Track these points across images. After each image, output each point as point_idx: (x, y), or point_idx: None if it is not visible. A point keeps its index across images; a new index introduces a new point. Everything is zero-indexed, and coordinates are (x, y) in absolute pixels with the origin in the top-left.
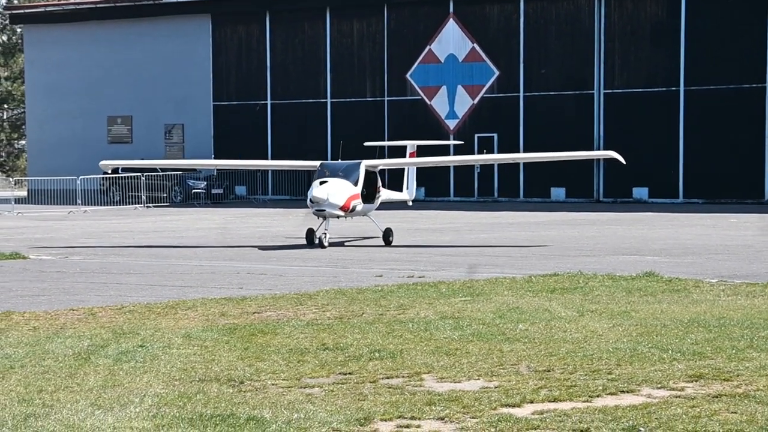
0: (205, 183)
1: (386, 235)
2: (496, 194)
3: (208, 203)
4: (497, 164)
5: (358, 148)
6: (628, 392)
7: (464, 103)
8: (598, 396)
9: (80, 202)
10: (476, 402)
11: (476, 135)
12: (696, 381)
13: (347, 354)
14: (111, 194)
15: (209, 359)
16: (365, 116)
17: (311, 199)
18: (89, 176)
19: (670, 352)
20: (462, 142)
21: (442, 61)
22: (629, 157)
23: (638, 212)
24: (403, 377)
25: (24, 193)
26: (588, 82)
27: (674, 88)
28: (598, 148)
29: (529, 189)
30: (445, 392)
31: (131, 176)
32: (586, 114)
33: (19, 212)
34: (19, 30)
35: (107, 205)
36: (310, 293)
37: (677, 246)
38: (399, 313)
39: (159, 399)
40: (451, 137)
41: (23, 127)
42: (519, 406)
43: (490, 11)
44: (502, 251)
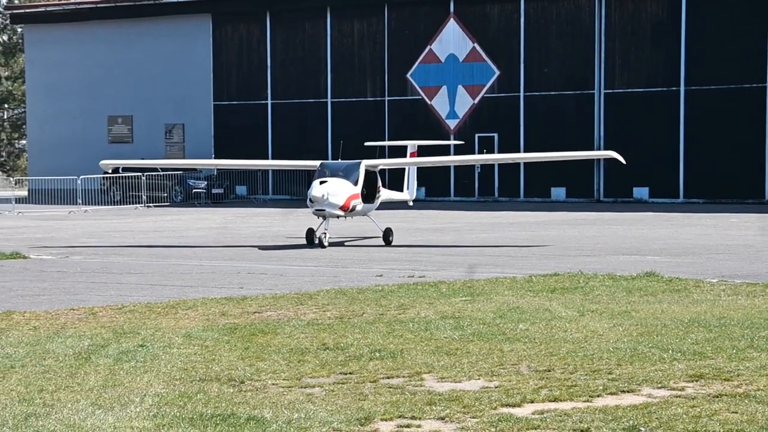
0: (206, 183)
1: (386, 235)
2: (497, 194)
3: (209, 203)
4: (497, 164)
5: (359, 148)
6: (629, 392)
7: (465, 103)
8: (599, 396)
9: (81, 202)
10: (477, 402)
11: (477, 135)
12: (696, 381)
13: (348, 354)
14: (111, 194)
15: (210, 359)
16: (365, 116)
17: (311, 199)
18: (90, 176)
19: (671, 352)
20: (462, 142)
21: (443, 61)
22: (629, 157)
23: (638, 212)
24: (404, 377)
25: (24, 193)
26: (588, 82)
27: (674, 88)
28: (599, 148)
29: (530, 189)
30: (446, 392)
31: (132, 176)
32: (587, 114)
33: (20, 212)
34: (20, 30)
35: (108, 205)
36: (311, 293)
37: (678, 246)
38: (399, 313)
39: (159, 399)
40: (452, 137)
41: (24, 127)
42: (519, 406)
43: (491, 11)
44: (503, 251)
